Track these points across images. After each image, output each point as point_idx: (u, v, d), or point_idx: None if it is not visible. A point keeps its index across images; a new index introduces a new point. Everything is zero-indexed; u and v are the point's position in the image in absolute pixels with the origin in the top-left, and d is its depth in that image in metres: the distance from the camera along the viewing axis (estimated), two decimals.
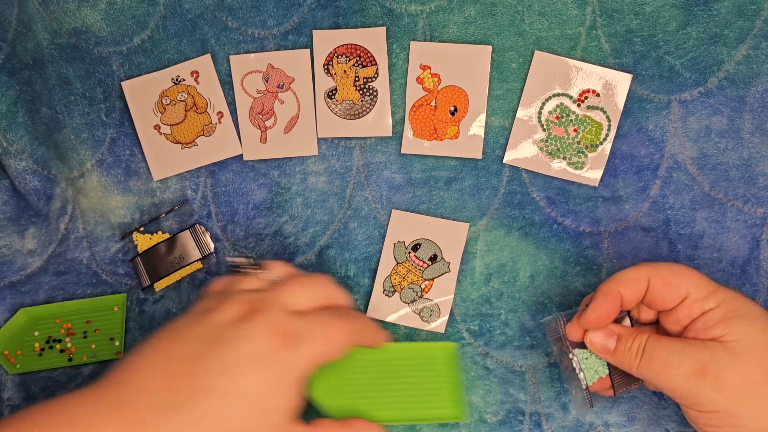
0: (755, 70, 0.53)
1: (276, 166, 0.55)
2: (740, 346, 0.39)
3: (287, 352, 0.38)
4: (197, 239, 0.54)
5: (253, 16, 0.55)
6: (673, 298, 0.42)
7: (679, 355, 0.40)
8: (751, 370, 0.39)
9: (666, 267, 0.43)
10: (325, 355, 0.40)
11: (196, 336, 0.38)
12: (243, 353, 0.37)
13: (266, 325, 0.38)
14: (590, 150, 0.53)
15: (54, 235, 0.55)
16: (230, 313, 0.39)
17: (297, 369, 0.38)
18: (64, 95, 0.55)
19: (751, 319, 0.40)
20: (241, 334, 0.38)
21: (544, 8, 0.54)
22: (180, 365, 0.37)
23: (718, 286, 0.42)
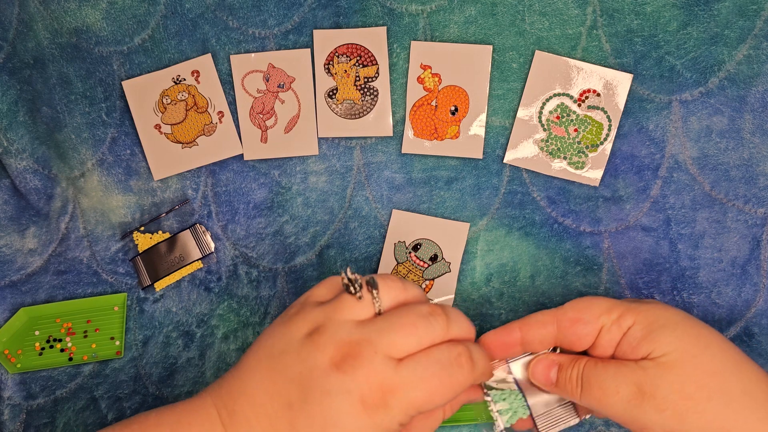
0: (756, 70, 0.53)
1: (276, 166, 0.55)
2: (670, 359, 0.38)
3: (382, 410, 0.36)
4: (198, 239, 0.54)
5: (253, 15, 0.55)
6: (588, 333, 0.41)
7: (614, 380, 0.39)
8: (685, 382, 0.38)
9: (570, 305, 0.42)
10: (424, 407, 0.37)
11: (291, 376, 0.37)
12: (339, 413, 0.35)
13: (363, 378, 0.36)
14: (591, 150, 0.53)
15: (54, 235, 0.55)
16: (324, 354, 0.36)
17: (389, 425, 0.36)
18: (65, 95, 0.55)
19: (671, 328, 0.39)
20: (337, 387, 0.36)
21: (545, 8, 0.54)
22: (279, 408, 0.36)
23: (630, 303, 0.41)
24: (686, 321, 0.40)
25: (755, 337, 0.52)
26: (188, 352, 0.54)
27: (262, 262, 0.55)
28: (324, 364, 0.36)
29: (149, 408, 0.53)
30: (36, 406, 0.53)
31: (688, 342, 0.39)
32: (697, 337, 0.39)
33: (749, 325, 0.52)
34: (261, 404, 0.37)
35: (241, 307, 0.54)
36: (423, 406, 0.36)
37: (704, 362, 0.38)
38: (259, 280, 0.55)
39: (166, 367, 0.54)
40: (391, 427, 0.36)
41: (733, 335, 0.52)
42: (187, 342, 0.54)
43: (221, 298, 0.54)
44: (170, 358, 0.54)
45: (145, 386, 0.54)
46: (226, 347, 0.54)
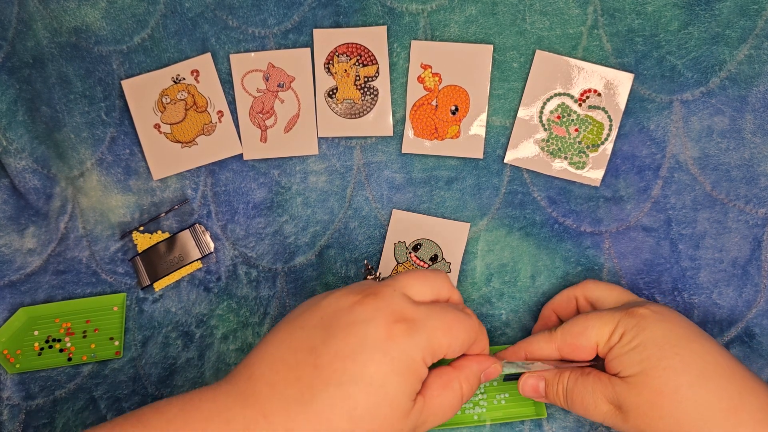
0: (757, 70, 0.52)
1: (276, 166, 0.55)
2: (633, 380, 0.42)
3: (407, 338, 0.37)
4: (197, 239, 0.54)
5: (253, 15, 0.55)
6: (588, 354, 0.44)
7: (592, 396, 0.43)
8: (641, 402, 0.41)
9: (569, 330, 0.45)
10: (444, 346, 0.38)
11: (313, 324, 0.38)
12: (365, 339, 0.36)
13: (385, 309, 0.37)
14: (591, 150, 0.53)
15: (54, 234, 0.55)
16: (346, 299, 0.38)
17: (416, 355, 0.37)
18: (64, 94, 0.55)
19: (639, 349, 0.42)
20: (361, 317, 0.37)
21: (546, 7, 0.54)
22: (302, 356, 0.37)
23: (620, 318, 0.44)
24: (656, 341, 0.42)
25: (756, 337, 0.52)
26: (187, 353, 0.54)
27: (261, 262, 0.55)
28: (347, 305, 0.38)
29: None
30: (35, 407, 0.53)
31: (649, 364, 0.41)
32: (659, 358, 0.41)
33: (750, 325, 0.52)
34: (281, 359, 0.37)
35: (240, 307, 0.54)
36: (444, 343, 0.38)
37: (660, 383, 0.41)
38: (258, 280, 0.54)
39: (166, 367, 0.54)
40: (415, 356, 0.37)
41: (733, 336, 0.52)
42: (187, 342, 0.54)
43: (221, 298, 0.54)
44: (169, 359, 0.54)
45: (145, 386, 0.53)
46: (225, 347, 0.54)
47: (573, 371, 0.45)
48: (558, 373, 0.45)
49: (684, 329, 0.43)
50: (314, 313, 0.38)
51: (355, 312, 0.37)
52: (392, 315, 0.37)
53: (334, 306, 0.38)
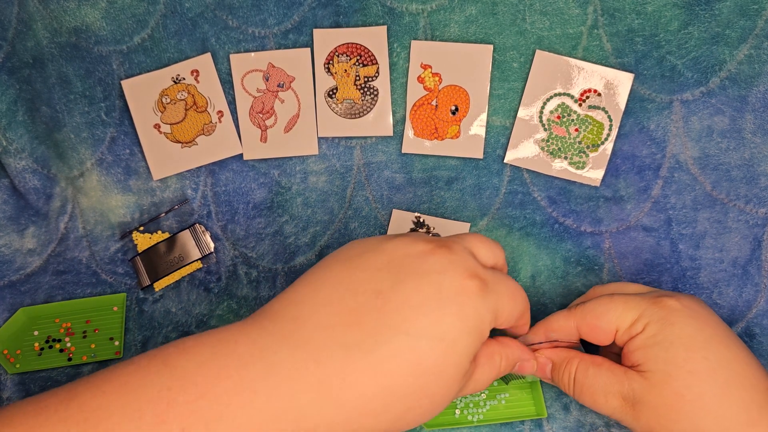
0: (757, 69, 0.52)
1: (276, 166, 0.55)
2: (651, 376, 0.40)
3: (480, 297, 0.35)
4: (197, 239, 0.54)
5: (253, 15, 0.55)
6: (606, 337, 0.43)
7: (603, 388, 0.41)
8: (658, 402, 0.40)
9: (591, 310, 0.43)
10: (507, 313, 0.37)
11: (378, 266, 0.35)
12: (439, 289, 0.34)
13: (460, 264, 0.35)
14: (591, 150, 0.53)
15: (53, 235, 0.55)
16: (417, 246, 0.35)
17: (486, 316, 0.35)
18: (64, 94, 0.55)
19: (665, 345, 0.40)
20: (435, 267, 0.34)
21: (546, 7, 0.54)
22: (365, 299, 0.33)
23: (646, 308, 0.42)
24: (683, 341, 0.40)
25: (756, 337, 0.52)
26: None
27: (261, 262, 0.55)
28: (417, 252, 0.35)
29: None
30: None
31: (674, 364, 0.40)
32: (685, 360, 0.40)
33: (750, 325, 0.52)
34: (338, 301, 0.34)
35: (240, 307, 0.54)
36: (507, 308, 0.37)
37: (682, 387, 0.39)
38: (258, 280, 0.54)
39: None
40: (485, 317, 0.35)
41: None
42: None
43: (221, 298, 0.54)
44: None
45: None
46: None
47: (583, 360, 0.43)
48: (567, 359, 0.43)
49: (713, 329, 0.41)
50: (379, 256, 0.35)
51: (429, 261, 0.35)
52: (466, 271, 0.35)
53: (403, 251, 0.35)
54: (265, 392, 0.32)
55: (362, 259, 0.35)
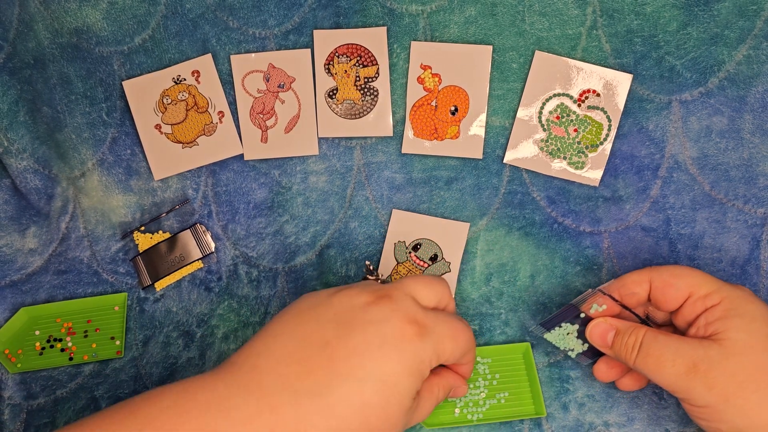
0: (756, 70, 0.53)
1: (277, 166, 0.55)
2: (732, 345, 0.40)
3: (419, 340, 0.38)
4: (198, 239, 0.54)
5: (254, 15, 0.55)
6: (676, 298, 0.44)
7: (674, 353, 0.41)
8: (738, 369, 0.40)
9: (667, 269, 0.45)
10: (449, 351, 0.40)
11: (326, 320, 0.38)
12: (382, 336, 0.37)
13: (400, 311, 0.38)
14: (591, 150, 0.54)
15: (55, 235, 0.55)
16: (360, 298, 0.39)
17: (425, 357, 0.38)
18: (66, 95, 0.55)
19: (747, 319, 0.41)
20: (377, 317, 0.38)
21: (545, 8, 0.54)
22: (315, 349, 0.37)
23: (722, 284, 0.43)
24: (765, 317, 0.41)
25: None
26: (188, 352, 0.54)
27: (262, 261, 0.55)
28: (361, 303, 0.38)
29: None
30: (36, 406, 0.53)
31: (757, 337, 0.40)
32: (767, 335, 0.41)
33: None
34: (291, 352, 0.37)
35: (241, 306, 0.54)
36: (448, 348, 0.39)
37: (762, 359, 0.40)
38: (259, 279, 0.55)
39: (167, 366, 0.54)
40: (424, 358, 0.38)
41: None
42: (188, 342, 0.54)
43: (221, 297, 0.54)
44: (170, 358, 0.54)
45: (146, 386, 0.54)
46: (226, 347, 0.54)
47: (651, 329, 0.43)
48: (634, 326, 0.44)
49: None
50: (327, 309, 0.39)
51: (371, 311, 0.38)
52: (406, 317, 0.38)
53: (348, 303, 0.39)
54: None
55: (312, 312, 0.39)
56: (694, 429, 0.51)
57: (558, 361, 0.52)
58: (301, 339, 0.37)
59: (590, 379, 0.52)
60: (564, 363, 0.52)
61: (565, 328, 0.47)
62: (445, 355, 0.40)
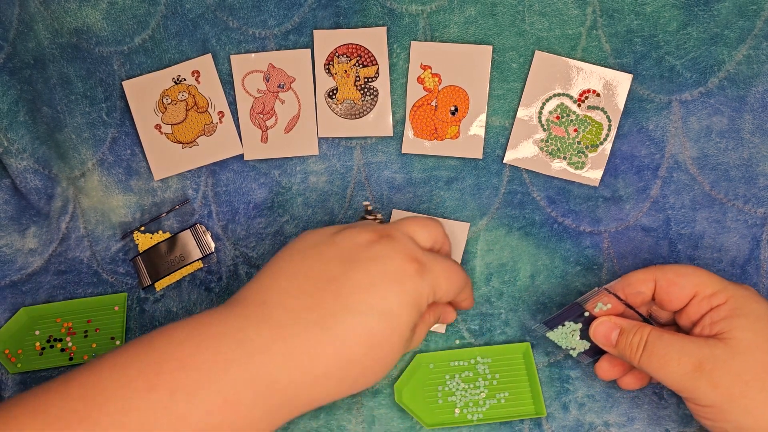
0: (756, 70, 0.53)
1: (277, 166, 0.55)
2: (738, 345, 0.40)
3: (418, 277, 0.40)
4: (198, 239, 0.54)
5: (253, 15, 0.55)
6: (681, 297, 0.44)
7: (678, 351, 0.41)
8: (744, 369, 0.40)
9: (672, 268, 0.45)
10: (444, 289, 0.42)
11: (330, 257, 0.40)
12: (384, 272, 0.39)
13: (401, 250, 0.40)
14: (591, 150, 0.54)
15: (55, 235, 0.55)
16: (362, 236, 0.41)
17: (423, 292, 0.40)
18: (65, 95, 0.55)
19: (753, 318, 0.41)
20: (379, 254, 0.40)
21: (545, 8, 0.54)
22: (322, 284, 0.39)
23: (728, 284, 0.43)
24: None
25: None
26: None
27: (262, 261, 0.55)
28: (364, 242, 0.41)
29: None
30: None
31: (763, 336, 0.41)
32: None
33: None
34: (298, 287, 0.39)
35: None
36: (443, 286, 0.42)
37: (766, 355, 0.40)
38: None
39: None
40: (422, 293, 0.40)
41: None
42: None
43: (222, 298, 0.54)
44: None
45: None
46: None
47: (656, 328, 0.43)
48: (639, 325, 0.44)
49: None
50: (330, 247, 0.41)
51: (374, 249, 0.40)
52: (406, 255, 0.40)
53: (351, 242, 0.41)
54: (239, 362, 0.36)
55: (315, 249, 0.41)
56: (695, 429, 0.51)
57: (558, 361, 0.52)
58: (307, 275, 0.40)
59: (590, 379, 0.52)
60: (564, 363, 0.52)
61: (568, 326, 0.47)
62: (440, 293, 0.42)
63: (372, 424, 0.52)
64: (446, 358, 0.52)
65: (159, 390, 0.35)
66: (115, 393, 0.35)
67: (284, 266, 0.41)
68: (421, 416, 0.51)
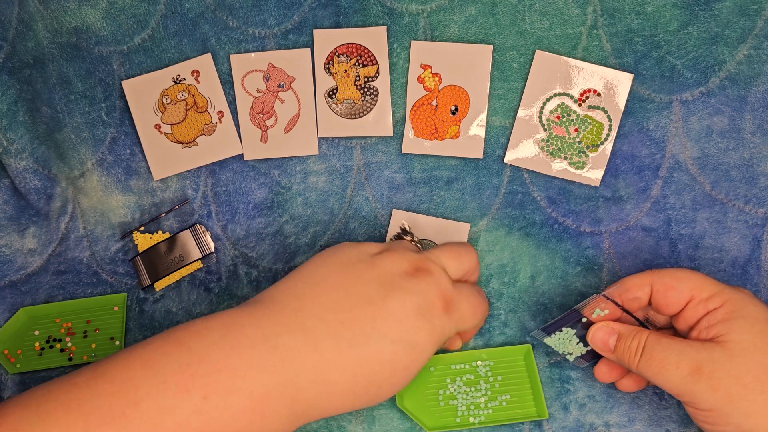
0: (756, 70, 0.53)
1: (276, 166, 0.55)
2: (736, 347, 0.40)
3: (445, 316, 0.42)
4: (197, 239, 0.54)
5: (253, 15, 0.55)
6: (677, 301, 0.44)
7: (677, 355, 0.41)
8: (743, 371, 0.40)
9: (669, 272, 0.45)
10: (466, 326, 0.45)
11: (369, 278, 0.42)
12: (418, 307, 0.41)
13: (434, 287, 0.42)
14: (591, 150, 0.53)
15: (54, 235, 0.55)
16: (400, 265, 0.43)
17: (447, 331, 0.43)
18: (65, 94, 0.55)
19: (751, 321, 0.41)
20: (415, 289, 0.42)
21: (545, 8, 0.54)
22: (359, 303, 0.41)
23: (724, 287, 0.43)
24: (767, 319, 0.42)
25: None
26: None
27: (262, 262, 0.55)
28: (401, 271, 0.42)
29: None
30: None
31: (761, 338, 0.41)
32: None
33: None
34: (336, 301, 0.41)
35: None
36: (468, 323, 0.45)
37: (765, 357, 0.40)
38: (259, 280, 0.54)
39: None
40: (447, 331, 0.43)
41: None
42: None
43: (221, 298, 0.54)
44: None
45: None
46: None
47: (654, 332, 0.43)
48: (636, 330, 0.44)
49: None
50: (369, 268, 0.42)
51: (411, 282, 0.42)
52: (439, 293, 0.42)
53: (390, 268, 0.42)
54: (272, 369, 0.38)
55: (357, 268, 0.42)
56: (695, 430, 0.51)
57: (558, 361, 0.52)
58: (347, 291, 0.41)
59: (591, 379, 0.51)
60: (564, 363, 0.52)
61: (565, 332, 0.47)
62: (463, 328, 0.45)
63: (372, 425, 0.52)
64: (447, 361, 0.52)
65: (193, 392, 0.36)
66: (150, 392, 0.35)
67: (322, 275, 0.42)
68: (423, 420, 0.50)
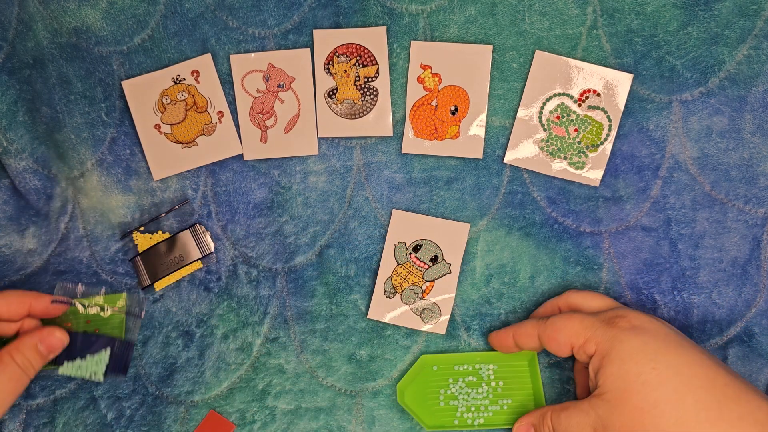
0: (756, 70, 0.53)
1: (276, 166, 0.55)
2: (612, 397, 0.42)
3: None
4: (197, 239, 0.54)
5: (253, 15, 0.55)
6: (561, 351, 0.46)
7: (576, 427, 0.43)
8: (625, 420, 0.41)
9: (551, 323, 0.46)
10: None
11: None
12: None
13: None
14: (591, 150, 0.53)
15: (54, 235, 0.55)
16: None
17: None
18: (65, 94, 0.55)
19: (618, 363, 0.42)
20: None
21: (545, 8, 0.54)
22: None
23: (597, 327, 0.44)
24: (632, 355, 0.42)
25: (755, 337, 0.52)
26: (188, 352, 0.54)
27: (261, 262, 0.55)
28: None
29: (149, 408, 0.53)
30: (35, 406, 0.53)
31: (627, 379, 0.41)
32: (637, 374, 0.41)
33: (749, 325, 0.52)
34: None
35: (240, 307, 0.54)
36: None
37: (638, 399, 0.41)
38: (258, 279, 0.54)
39: (166, 366, 0.54)
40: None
41: (733, 335, 0.52)
42: (187, 342, 0.54)
43: (221, 298, 0.54)
44: (170, 358, 0.54)
45: (145, 386, 0.53)
46: (225, 347, 0.54)
47: (554, 409, 0.45)
48: (541, 415, 0.46)
49: (661, 341, 0.42)
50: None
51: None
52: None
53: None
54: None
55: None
56: None
57: (559, 362, 0.52)
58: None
59: None
60: (565, 364, 0.52)
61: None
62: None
63: (372, 425, 0.52)
64: (451, 361, 0.52)
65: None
66: None
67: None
68: (422, 417, 0.50)
